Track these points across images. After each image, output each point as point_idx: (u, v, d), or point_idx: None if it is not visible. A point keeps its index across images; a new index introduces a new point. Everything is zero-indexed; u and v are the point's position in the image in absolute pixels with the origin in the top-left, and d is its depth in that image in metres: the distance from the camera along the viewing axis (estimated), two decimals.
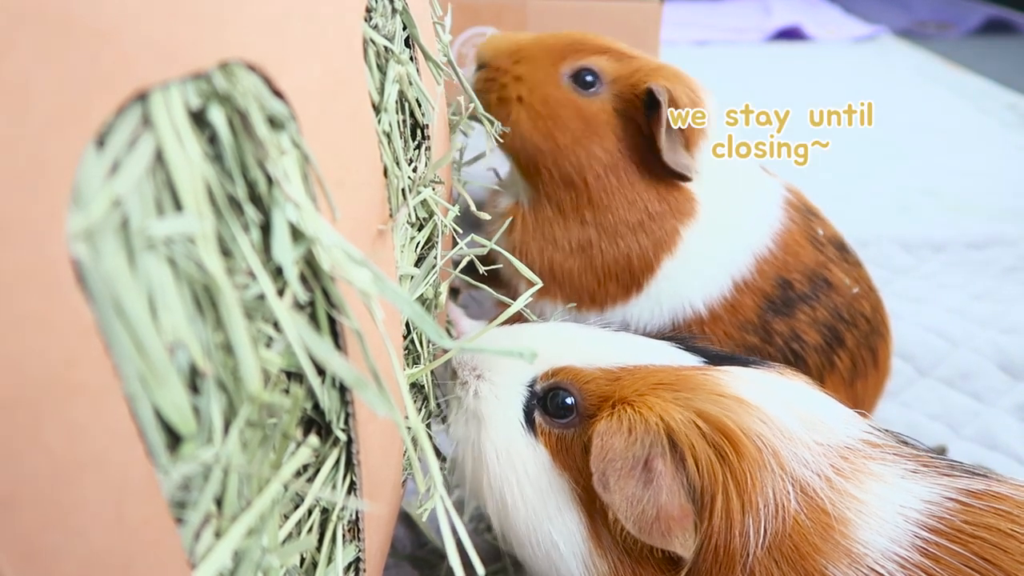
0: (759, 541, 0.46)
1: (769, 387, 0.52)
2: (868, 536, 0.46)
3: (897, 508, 0.47)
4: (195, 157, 0.30)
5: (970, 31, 3.08)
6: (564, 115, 0.77)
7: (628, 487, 0.47)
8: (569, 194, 0.79)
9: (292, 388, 0.38)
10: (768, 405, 0.49)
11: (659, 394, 0.51)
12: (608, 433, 0.49)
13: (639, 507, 0.47)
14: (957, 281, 1.34)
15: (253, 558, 0.36)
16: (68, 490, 0.26)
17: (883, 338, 0.88)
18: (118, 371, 0.28)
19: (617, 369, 0.55)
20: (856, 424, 0.53)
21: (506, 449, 0.55)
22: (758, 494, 0.46)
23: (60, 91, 0.24)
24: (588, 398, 0.54)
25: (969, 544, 0.45)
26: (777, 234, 0.81)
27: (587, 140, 0.77)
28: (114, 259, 0.27)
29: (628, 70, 0.78)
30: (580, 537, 0.52)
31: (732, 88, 2.43)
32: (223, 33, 0.31)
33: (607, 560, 0.51)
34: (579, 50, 0.80)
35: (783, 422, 0.49)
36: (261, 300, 0.34)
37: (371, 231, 0.45)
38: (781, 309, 0.80)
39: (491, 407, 0.57)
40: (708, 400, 0.49)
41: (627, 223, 0.78)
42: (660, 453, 0.47)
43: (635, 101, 0.77)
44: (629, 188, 0.78)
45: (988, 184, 1.76)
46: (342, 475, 0.44)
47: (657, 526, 0.46)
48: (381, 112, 0.49)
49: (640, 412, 0.49)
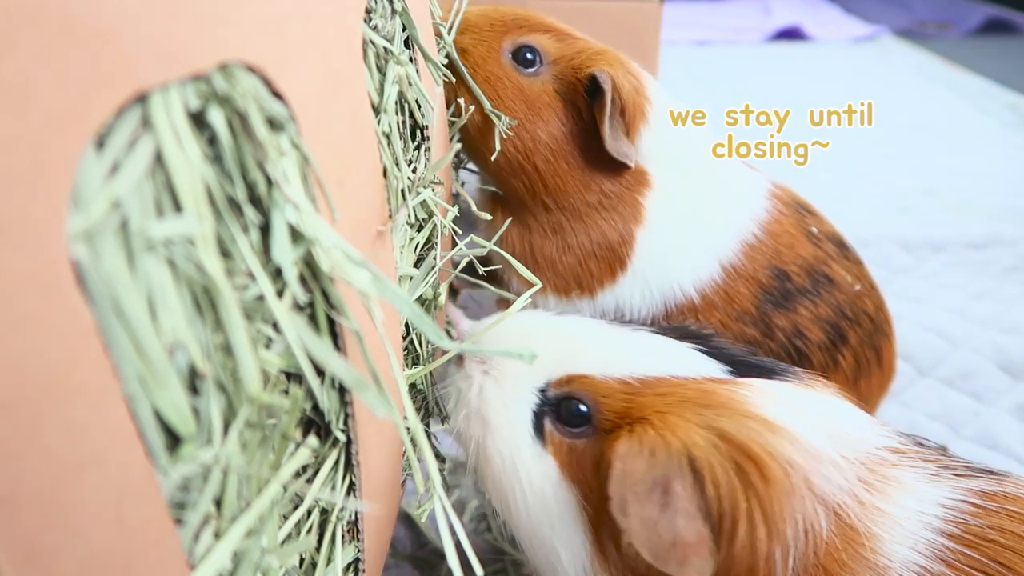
0: (786, 567, 0.44)
1: (798, 405, 0.49)
2: (893, 548, 0.45)
3: (918, 516, 0.47)
4: (195, 158, 0.30)
5: (970, 31, 3.08)
6: (506, 95, 0.76)
7: (645, 510, 0.45)
8: (521, 180, 0.78)
9: (291, 389, 0.38)
10: (798, 426, 0.47)
11: (682, 413, 0.48)
12: (629, 456, 0.46)
13: (655, 531, 0.45)
14: (957, 281, 1.34)
15: (252, 559, 0.36)
16: (68, 490, 0.26)
17: (887, 337, 0.88)
18: (118, 372, 0.28)
19: (636, 382, 0.52)
20: (878, 431, 0.51)
21: (511, 457, 0.53)
22: (786, 522, 0.44)
23: (60, 92, 0.24)
24: (604, 412, 0.52)
25: (984, 548, 0.45)
26: (764, 222, 0.81)
27: (529, 123, 0.76)
28: (114, 260, 0.27)
29: (570, 51, 0.77)
30: (583, 551, 0.51)
31: (732, 88, 2.44)
32: (223, 34, 0.31)
33: (610, 575, 0.50)
34: (522, 26, 0.78)
35: (813, 443, 0.47)
36: (260, 301, 0.34)
37: (370, 232, 0.45)
38: (780, 302, 0.80)
39: (498, 413, 0.55)
40: (734, 422, 0.46)
41: (587, 203, 0.77)
42: (679, 475, 0.45)
43: (576, 85, 0.75)
44: (580, 170, 0.77)
45: (988, 184, 1.76)
46: (341, 476, 0.44)
47: (673, 553, 0.44)
48: (381, 113, 0.49)
49: (662, 434, 0.46)
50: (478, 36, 0.78)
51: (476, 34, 0.78)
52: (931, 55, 2.77)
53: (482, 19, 0.79)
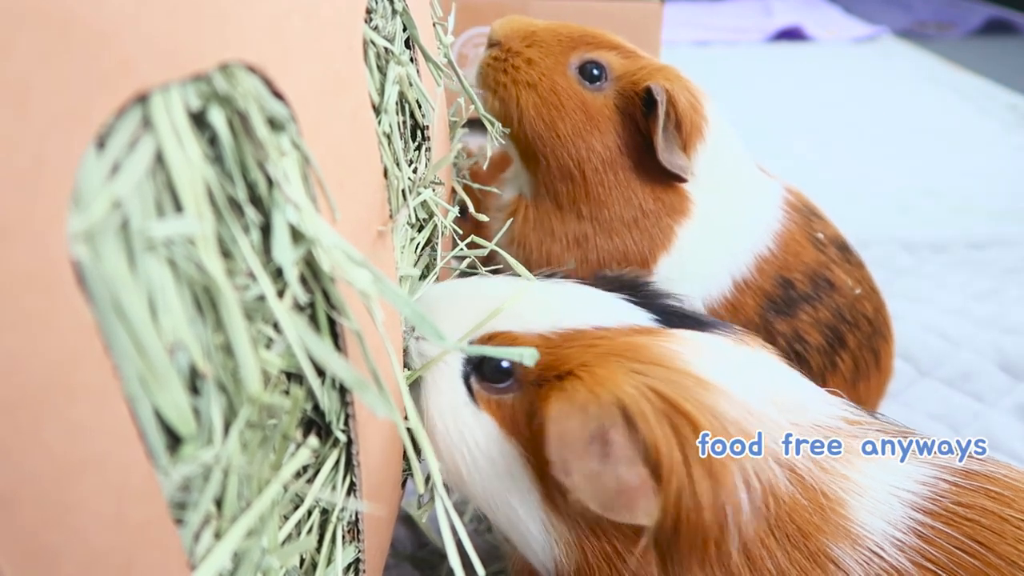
0: (745, 518, 0.44)
1: (733, 363, 0.49)
2: (865, 518, 0.46)
3: (890, 488, 0.47)
4: (195, 158, 0.30)
5: (971, 31, 3.08)
6: (568, 105, 0.78)
7: (586, 465, 0.45)
8: (566, 186, 0.79)
9: (292, 389, 0.38)
10: (732, 385, 0.47)
11: (608, 365, 0.47)
12: (561, 417, 0.46)
13: (599, 483, 0.44)
14: (958, 281, 1.34)
15: (253, 559, 0.36)
16: (68, 490, 0.26)
17: (885, 339, 0.88)
18: (118, 372, 0.28)
19: (556, 336, 0.51)
20: (829, 400, 0.51)
21: (452, 417, 0.53)
22: (729, 473, 0.44)
23: (60, 92, 0.24)
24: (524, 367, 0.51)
25: (962, 526, 0.45)
26: (777, 234, 0.81)
27: (587, 133, 0.77)
28: (114, 260, 0.27)
29: (633, 68, 0.79)
30: (535, 502, 0.50)
31: (733, 88, 2.44)
32: (223, 34, 0.31)
33: (566, 523, 0.49)
34: (590, 43, 0.80)
35: (751, 403, 0.46)
36: (261, 301, 0.34)
37: (371, 232, 0.45)
38: (783, 309, 0.80)
39: (432, 379, 0.54)
40: (663, 379, 0.46)
41: (622, 219, 0.78)
42: (614, 425, 0.44)
43: (635, 99, 0.77)
44: (625, 185, 0.78)
45: (989, 185, 1.76)
46: (342, 476, 0.44)
47: (620, 500, 0.44)
48: (381, 113, 0.49)
49: (592, 389, 0.46)
50: (545, 49, 0.80)
51: (543, 47, 0.80)
52: (932, 55, 2.77)
53: (549, 34, 0.81)
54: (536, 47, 0.80)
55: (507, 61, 0.80)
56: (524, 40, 0.81)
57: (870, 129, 2.11)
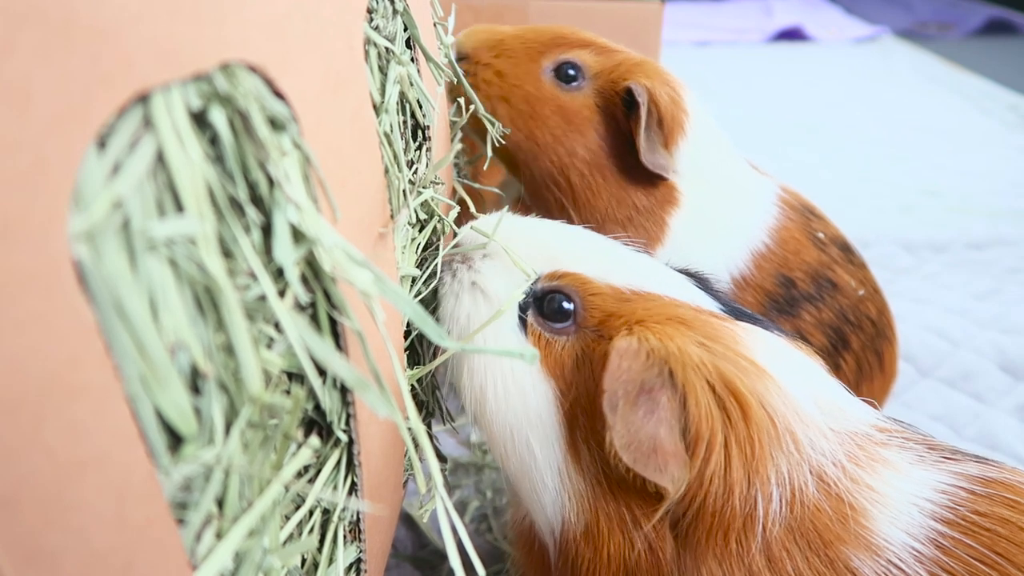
0: (772, 517, 0.44)
1: (788, 361, 0.49)
2: (887, 529, 0.45)
3: (910, 499, 0.47)
4: (196, 158, 0.30)
5: (971, 32, 3.08)
6: (545, 112, 0.77)
7: (631, 414, 0.45)
8: (552, 194, 0.78)
9: (293, 389, 0.38)
10: (786, 381, 0.47)
11: (678, 330, 0.48)
12: (628, 353, 0.46)
13: (637, 436, 0.45)
14: (958, 282, 1.34)
15: (254, 559, 0.36)
16: (69, 490, 0.26)
17: (889, 341, 0.88)
18: (119, 372, 0.28)
19: (629, 292, 0.52)
20: (865, 409, 0.51)
21: (495, 338, 0.53)
22: (768, 466, 0.44)
23: (61, 92, 0.24)
24: (591, 310, 0.51)
25: (980, 536, 0.44)
26: (773, 230, 0.81)
27: (568, 139, 0.76)
28: (115, 260, 0.27)
29: (610, 64, 0.78)
30: (558, 449, 0.50)
31: (733, 89, 2.44)
32: (224, 34, 0.31)
33: (584, 478, 0.49)
34: (561, 44, 0.79)
35: (800, 403, 0.47)
36: (262, 301, 0.34)
37: (372, 232, 0.45)
38: (785, 308, 0.80)
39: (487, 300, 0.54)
40: (724, 356, 0.46)
41: (616, 219, 0.78)
42: (666, 388, 0.45)
43: (615, 98, 0.76)
44: (615, 185, 0.77)
45: (989, 185, 1.76)
46: (343, 476, 0.44)
47: (653, 459, 0.44)
48: (382, 113, 0.49)
49: (661, 340, 0.46)
50: (515, 59, 0.79)
51: (512, 57, 0.79)
52: (932, 56, 2.77)
53: (517, 41, 0.80)
54: (504, 57, 0.79)
55: (476, 76, 0.79)
56: (492, 51, 0.79)
57: (870, 129, 2.11)
